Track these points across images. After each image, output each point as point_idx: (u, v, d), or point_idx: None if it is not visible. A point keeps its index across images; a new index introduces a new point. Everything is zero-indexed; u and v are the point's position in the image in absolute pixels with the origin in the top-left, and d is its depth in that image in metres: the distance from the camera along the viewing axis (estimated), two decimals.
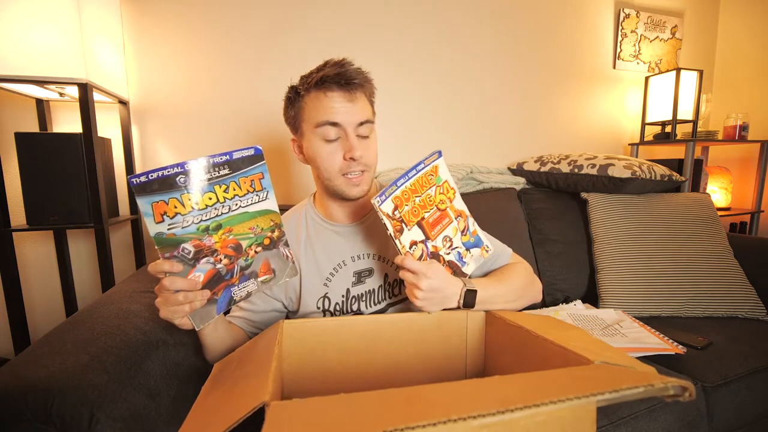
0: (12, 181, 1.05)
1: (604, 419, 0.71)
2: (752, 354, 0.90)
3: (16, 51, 0.85)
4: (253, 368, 0.43)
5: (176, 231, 0.50)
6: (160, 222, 0.48)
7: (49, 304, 1.18)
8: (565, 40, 1.69)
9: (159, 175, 0.47)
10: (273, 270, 0.61)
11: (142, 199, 0.47)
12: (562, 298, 1.26)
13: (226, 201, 0.53)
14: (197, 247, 0.52)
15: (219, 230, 0.54)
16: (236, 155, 0.53)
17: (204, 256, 0.53)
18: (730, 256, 1.20)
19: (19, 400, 0.43)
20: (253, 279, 0.59)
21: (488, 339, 0.65)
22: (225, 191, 0.53)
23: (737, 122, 1.68)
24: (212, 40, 1.24)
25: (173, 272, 0.50)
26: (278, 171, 1.33)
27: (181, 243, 0.51)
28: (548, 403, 0.27)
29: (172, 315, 0.52)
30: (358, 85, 0.65)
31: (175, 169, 0.48)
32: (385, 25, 1.41)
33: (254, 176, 0.56)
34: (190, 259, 0.52)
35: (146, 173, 0.46)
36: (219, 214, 0.53)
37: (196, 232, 0.52)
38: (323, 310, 0.73)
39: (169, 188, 0.48)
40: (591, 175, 1.27)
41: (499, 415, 0.26)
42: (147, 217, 0.47)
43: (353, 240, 0.75)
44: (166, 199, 0.48)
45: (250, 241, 0.57)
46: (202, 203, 0.51)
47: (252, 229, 0.57)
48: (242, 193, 0.55)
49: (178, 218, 0.50)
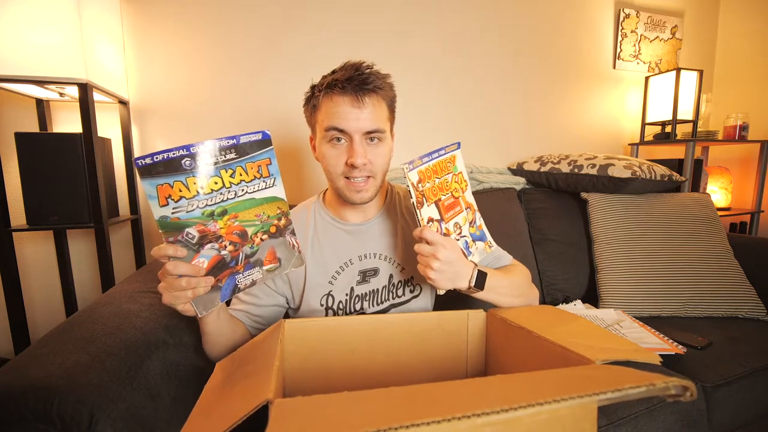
0: (12, 181, 1.05)
1: (604, 419, 0.71)
2: (752, 354, 0.90)
3: (16, 51, 0.85)
4: (256, 367, 0.43)
5: (180, 215, 0.49)
6: (165, 205, 0.47)
7: (49, 304, 1.18)
8: (565, 40, 1.69)
9: (164, 157, 0.46)
10: (279, 259, 0.59)
11: (146, 182, 0.45)
12: (562, 298, 1.26)
13: (232, 186, 0.52)
14: (202, 232, 0.51)
15: (224, 216, 0.52)
16: (243, 139, 0.52)
17: (209, 241, 0.52)
18: (730, 256, 1.20)
19: (19, 400, 0.43)
20: (258, 267, 0.58)
21: (489, 339, 0.65)
22: (231, 176, 0.51)
23: (737, 122, 1.69)
24: (212, 40, 1.24)
25: (177, 257, 0.49)
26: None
27: (186, 227, 0.50)
28: (551, 402, 0.27)
29: (174, 300, 0.51)
30: (370, 90, 0.63)
31: (181, 151, 0.47)
32: (385, 28, 1.41)
33: (261, 162, 0.54)
34: (194, 244, 0.50)
35: (151, 155, 0.45)
36: (225, 200, 0.52)
37: (201, 217, 0.50)
38: (326, 307, 0.73)
39: (174, 171, 0.47)
40: (591, 175, 1.27)
41: (502, 413, 0.26)
42: (151, 200, 0.46)
43: (361, 239, 0.75)
44: (171, 182, 0.47)
45: (256, 228, 0.56)
46: (207, 188, 0.50)
47: (258, 216, 0.56)
48: (249, 179, 0.53)
49: (183, 202, 0.48)
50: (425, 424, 0.25)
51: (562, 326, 0.55)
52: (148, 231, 1.26)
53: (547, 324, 0.56)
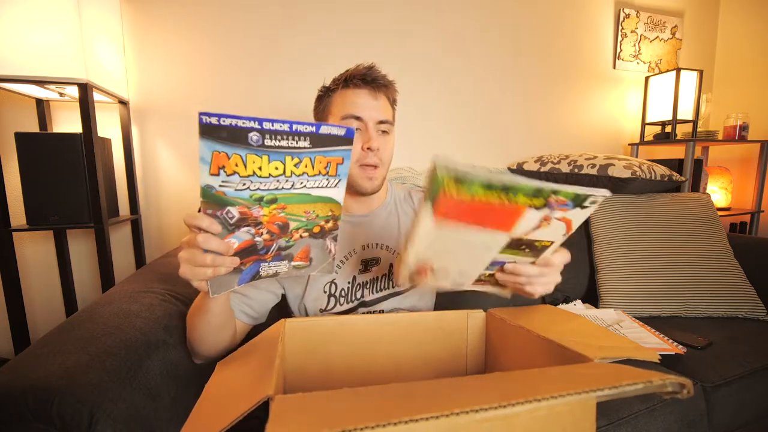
0: (12, 181, 1.05)
1: (604, 419, 0.71)
2: (752, 354, 0.90)
3: (16, 51, 0.85)
4: (256, 366, 0.43)
5: (227, 191, 0.44)
6: (215, 175, 0.42)
7: (49, 304, 1.18)
8: (566, 40, 1.69)
9: (232, 123, 0.40)
10: (310, 258, 0.56)
11: (204, 142, 0.40)
12: (562, 298, 1.26)
13: (293, 176, 0.46)
14: (243, 214, 0.46)
15: (272, 204, 0.47)
16: (324, 130, 0.45)
17: (246, 225, 0.47)
18: (730, 256, 1.20)
19: (19, 400, 0.43)
20: (287, 261, 0.54)
21: (488, 338, 0.65)
22: (296, 165, 0.46)
23: (737, 122, 1.69)
24: (212, 40, 1.24)
25: (210, 231, 0.46)
26: None
27: (228, 205, 0.45)
28: (549, 398, 0.27)
29: (192, 274, 0.48)
30: (382, 85, 0.72)
31: (252, 123, 0.41)
32: (385, 28, 1.41)
33: (333, 159, 0.48)
34: (231, 224, 0.46)
35: (219, 115, 0.40)
36: (279, 188, 0.46)
37: (248, 199, 0.45)
38: (329, 294, 0.76)
39: (237, 142, 0.41)
40: (591, 175, 1.27)
41: (500, 409, 0.26)
42: (203, 163, 0.41)
43: (365, 230, 0.79)
44: (230, 153, 0.42)
45: (299, 224, 0.51)
46: (266, 171, 0.44)
47: (307, 213, 0.51)
48: (313, 173, 0.47)
49: (235, 178, 0.43)
50: (424, 419, 0.25)
51: (561, 325, 0.55)
52: (148, 231, 1.26)
53: (546, 323, 0.57)
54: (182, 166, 1.26)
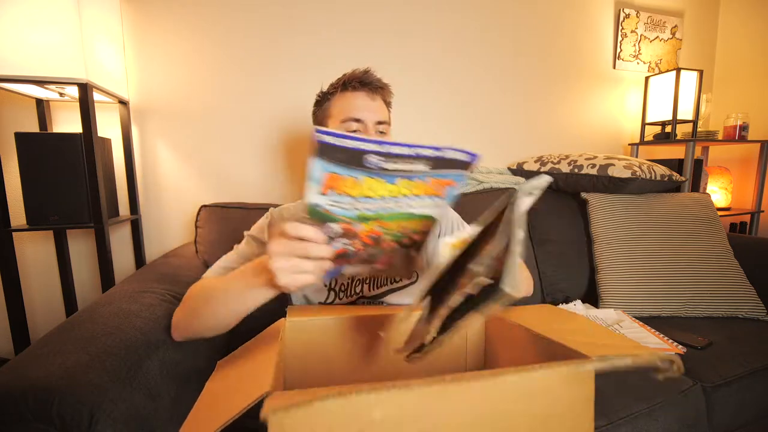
0: (12, 181, 1.05)
1: (604, 419, 0.71)
2: (752, 354, 0.90)
3: (16, 51, 0.85)
4: (256, 364, 0.44)
5: (335, 210, 0.42)
6: (324, 195, 0.40)
7: (49, 304, 1.18)
8: (565, 40, 1.69)
9: (351, 146, 0.37)
10: (390, 265, 0.56)
11: (318, 162, 0.37)
12: (562, 298, 1.26)
13: (401, 198, 0.44)
14: (346, 230, 0.45)
15: (374, 221, 0.46)
16: (449, 154, 0.41)
17: (344, 237, 0.47)
18: (730, 256, 1.20)
19: (19, 400, 0.43)
20: (369, 265, 0.55)
21: (488, 337, 0.65)
22: (407, 187, 0.43)
23: (737, 122, 1.69)
24: (212, 40, 1.24)
25: (315, 241, 0.45)
26: (275, 170, 1.33)
27: (332, 221, 0.44)
28: (538, 369, 0.30)
29: (294, 284, 0.47)
30: (378, 87, 0.77)
31: (372, 145, 0.38)
32: (385, 28, 1.41)
33: (446, 181, 0.45)
34: (332, 238, 0.46)
35: (336, 134, 0.36)
36: (386, 207, 0.44)
37: (354, 218, 0.44)
38: (329, 288, 0.78)
39: (354, 164, 0.38)
40: (591, 175, 1.27)
41: (491, 378, 0.29)
42: (313, 182, 0.39)
43: None
44: (345, 175, 0.39)
45: (392, 237, 0.50)
46: (378, 193, 0.42)
47: (403, 228, 0.49)
48: (421, 193, 0.45)
49: (345, 199, 0.41)
50: (417, 386, 0.27)
51: (561, 324, 0.55)
52: (148, 231, 1.26)
53: (546, 322, 0.57)
54: (182, 166, 1.26)
